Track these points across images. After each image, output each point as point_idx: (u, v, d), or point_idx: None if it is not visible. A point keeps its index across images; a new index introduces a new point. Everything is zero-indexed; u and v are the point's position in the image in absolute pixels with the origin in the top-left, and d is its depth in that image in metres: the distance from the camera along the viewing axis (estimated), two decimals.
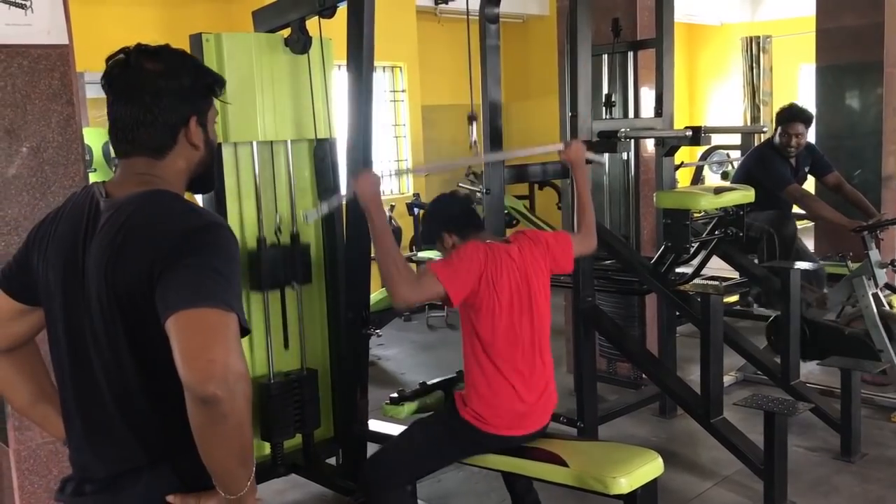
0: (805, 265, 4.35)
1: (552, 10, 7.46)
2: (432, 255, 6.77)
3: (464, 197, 2.84)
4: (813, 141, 5.32)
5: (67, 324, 1.49)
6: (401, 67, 7.90)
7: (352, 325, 3.34)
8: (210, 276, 1.35)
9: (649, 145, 4.64)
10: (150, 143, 1.50)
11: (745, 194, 3.75)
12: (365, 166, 3.23)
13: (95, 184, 1.54)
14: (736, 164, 6.63)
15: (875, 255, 4.44)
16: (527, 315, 2.69)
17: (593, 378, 3.84)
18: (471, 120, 3.45)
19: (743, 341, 4.26)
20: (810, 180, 5.11)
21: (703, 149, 8.35)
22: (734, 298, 5.47)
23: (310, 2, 3.21)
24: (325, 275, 3.49)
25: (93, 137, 5.07)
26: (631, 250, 4.20)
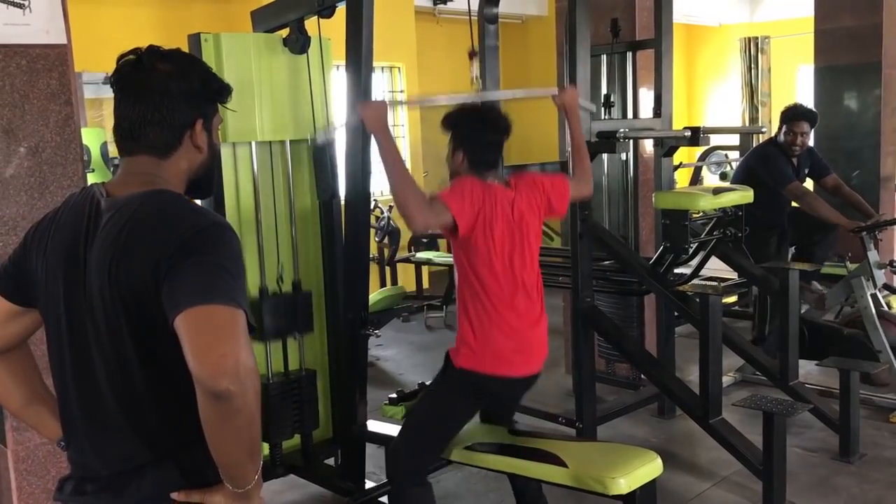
0: (804, 265, 4.36)
1: (551, 11, 7.46)
2: (431, 255, 6.78)
3: (503, 129, 2.76)
4: (811, 142, 5.32)
5: (69, 323, 1.49)
6: (399, 68, 7.90)
7: (351, 325, 3.34)
8: (217, 274, 1.36)
9: (648, 146, 4.64)
10: (156, 142, 1.51)
11: (744, 195, 3.75)
12: (363, 165, 3.23)
13: (95, 184, 1.55)
14: (734, 164, 6.63)
15: (874, 255, 4.45)
16: (518, 257, 2.71)
17: (592, 378, 3.84)
18: (471, 56, 3.43)
19: (742, 342, 4.25)
20: (808, 183, 5.11)
21: (702, 149, 8.37)
22: (733, 299, 5.47)
23: (309, 2, 3.21)
24: (323, 275, 3.49)
25: (91, 138, 5.06)
26: (630, 251, 4.20)
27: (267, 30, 3.42)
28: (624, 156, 4.63)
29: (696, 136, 3.89)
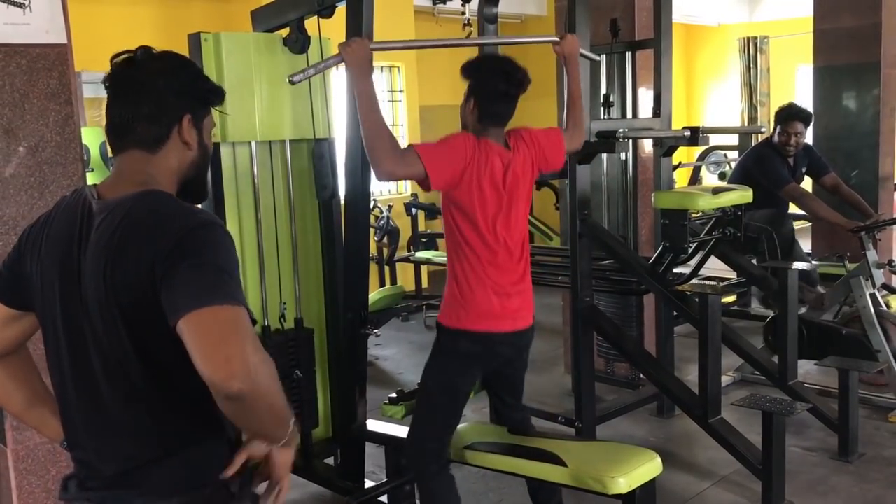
0: (802, 265, 4.36)
1: (550, 11, 7.46)
2: (430, 255, 6.78)
3: (518, 81, 2.70)
4: (810, 142, 5.33)
5: (66, 325, 1.50)
6: (399, 67, 7.91)
7: (350, 324, 3.34)
8: (214, 274, 1.37)
9: (647, 145, 4.64)
10: (144, 136, 1.53)
11: (743, 194, 3.75)
12: (363, 165, 3.23)
13: (87, 186, 1.55)
14: (733, 164, 6.64)
15: (872, 255, 4.45)
16: (503, 220, 2.70)
17: (591, 378, 3.84)
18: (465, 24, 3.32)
19: (741, 341, 4.26)
20: (807, 181, 5.12)
21: (701, 149, 8.37)
22: (732, 298, 5.48)
23: (309, 1, 3.21)
24: (323, 274, 3.49)
25: (90, 137, 5.06)
26: (629, 250, 4.20)
27: (267, 29, 3.42)
28: (623, 155, 4.63)
29: (695, 135, 3.89)
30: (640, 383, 4.62)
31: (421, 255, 6.85)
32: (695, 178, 8.58)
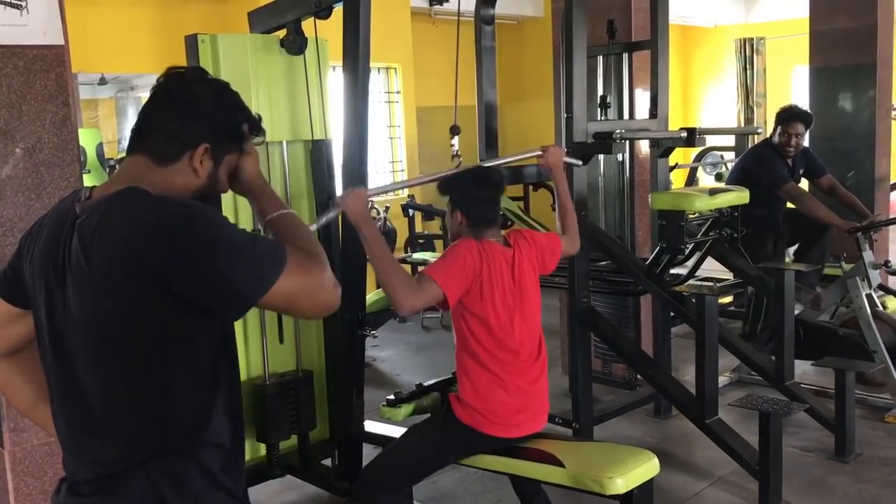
0: (800, 266, 4.37)
1: (547, 12, 7.47)
2: (427, 256, 6.78)
3: (495, 184, 2.79)
4: (807, 143, 5.34)
5: (51, 329, 1.50)
6: (395, 69, 7.90)
7: (348, 326, 3.34)
8: (241, 254, 1.39)
9: (644, 147, 4.65)
10: (157, 147, 1.52)
11: (740, 195, 3.76)
12: (360, 166, 3.23)
13: (84, 188, 1.54)
14: (730, 165, 6.65)
15: (869, 256, 4.46)
16: (518, 315, 2.71)
17: (589, 379, 3.85)
18: (453, 132, 3.39)
19: (738, 342, 4.26)
20: (804, 183, 5.13)
21: (698, 150, 8.37)
22: (729, 299, 5.49)
23: (306, 3, 3.21)
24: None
25: (87, 138, 5.06)
26: (626, 251, 4.20)
27: (264, 31, 3.42)
28: (620, 157, 4.63)
29: (692, 136, 3.90)
30: (637, 384, 4.62)
31: (418, 256, 6.85)
32: (691, 180, 8.58)
